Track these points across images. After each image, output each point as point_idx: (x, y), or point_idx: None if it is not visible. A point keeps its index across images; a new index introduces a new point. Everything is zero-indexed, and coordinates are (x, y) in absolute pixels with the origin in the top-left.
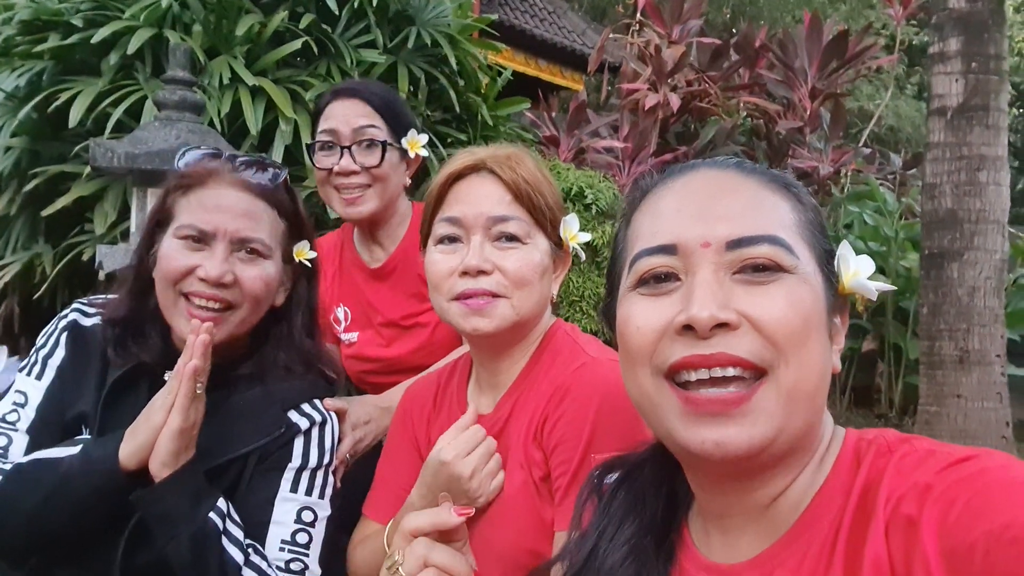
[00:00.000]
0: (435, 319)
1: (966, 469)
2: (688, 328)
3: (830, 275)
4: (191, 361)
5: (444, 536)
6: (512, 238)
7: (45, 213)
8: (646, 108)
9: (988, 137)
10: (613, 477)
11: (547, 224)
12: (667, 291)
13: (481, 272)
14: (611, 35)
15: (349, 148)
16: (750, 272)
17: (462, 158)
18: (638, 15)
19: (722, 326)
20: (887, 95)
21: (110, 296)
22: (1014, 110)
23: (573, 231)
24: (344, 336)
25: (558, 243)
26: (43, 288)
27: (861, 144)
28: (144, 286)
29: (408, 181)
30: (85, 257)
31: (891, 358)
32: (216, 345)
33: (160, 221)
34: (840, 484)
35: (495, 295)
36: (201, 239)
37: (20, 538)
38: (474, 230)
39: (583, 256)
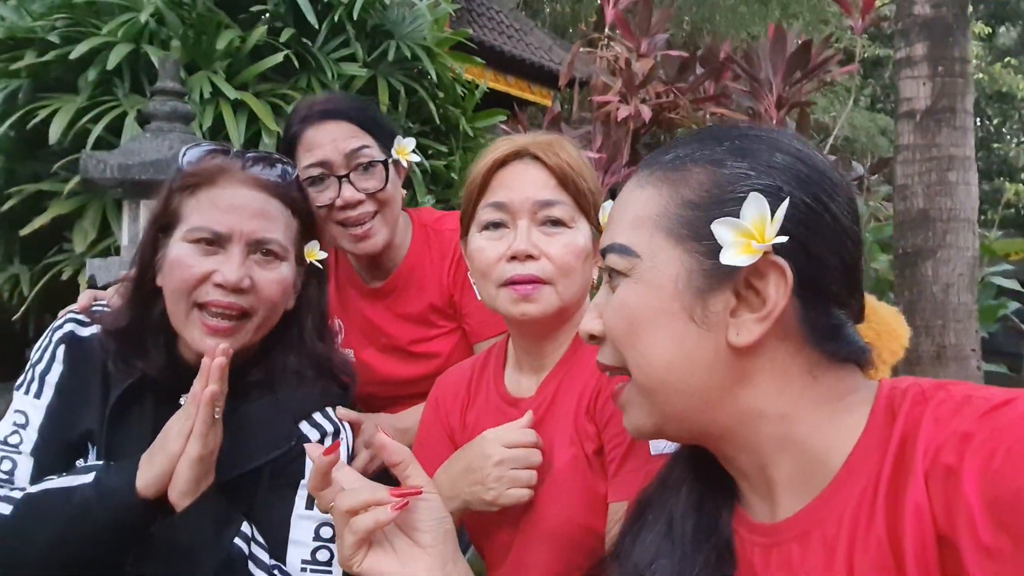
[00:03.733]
0: (449, 346)
1: (1007, 415)
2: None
3: (712, 249)
4: (209, 386)
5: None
6: (557, 222)
7: (23, 232)
8: (618, 120)
9: (956, 138)
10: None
11: (589, 209)
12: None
13: (529, 256)
14: (580, 49)
15: (347, 176)
16: (607, 276)
17: (504, 145)
18: (606, 29)
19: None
20: (848, 105)
21: (107, 305)
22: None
23: None
24: None
25: (598, 227)
26: (20, 310)
27: (826, 152)
28: (146, 296)
29: (404, 192)
30: (64, 277)
31: None
32: None
33: (164, 225)
34: (876, 436)
35: (541, 281)
36: (215, 242)
37: (35, 569)
38: (520, 215)
39: None
